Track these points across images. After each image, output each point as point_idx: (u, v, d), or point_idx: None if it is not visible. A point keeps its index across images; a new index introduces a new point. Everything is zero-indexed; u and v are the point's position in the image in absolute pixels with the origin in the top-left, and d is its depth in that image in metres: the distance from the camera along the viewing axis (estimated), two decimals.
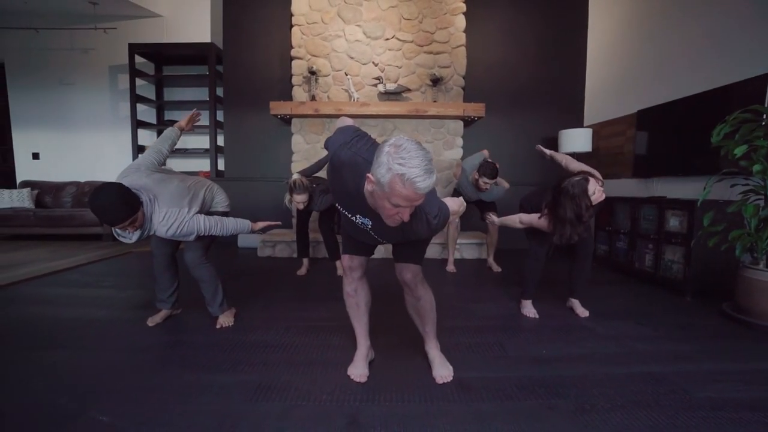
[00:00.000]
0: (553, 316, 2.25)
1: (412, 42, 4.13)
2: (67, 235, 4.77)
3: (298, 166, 4.09)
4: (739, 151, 2.02)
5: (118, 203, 1.55)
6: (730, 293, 2.27)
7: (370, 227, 1.29)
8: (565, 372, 1.59)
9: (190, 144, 5.12)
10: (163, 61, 5.13)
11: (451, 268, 3.38)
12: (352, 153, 1.18)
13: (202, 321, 2.08)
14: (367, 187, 1.11)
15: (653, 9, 3.54)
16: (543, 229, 1.99)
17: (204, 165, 5.17)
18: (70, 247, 4.32)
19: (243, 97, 4.53)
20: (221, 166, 4.96)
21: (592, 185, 1.81)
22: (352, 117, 3.32)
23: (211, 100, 4.82)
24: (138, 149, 4.95)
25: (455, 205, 1.50)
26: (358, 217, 1.28)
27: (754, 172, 2.03)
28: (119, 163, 4.76)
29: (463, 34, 4.14)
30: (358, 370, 1.53)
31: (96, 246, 4.43)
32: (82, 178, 5.23)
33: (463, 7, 4.11)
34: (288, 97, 4.25)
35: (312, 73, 4.01)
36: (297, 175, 2.83)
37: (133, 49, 4.83)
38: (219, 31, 4.70)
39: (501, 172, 3.09)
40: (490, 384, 1.49)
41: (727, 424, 1.24)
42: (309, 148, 4.17)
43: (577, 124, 4.50)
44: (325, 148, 1.34)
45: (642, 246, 3.02)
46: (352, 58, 4.13)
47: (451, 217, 1.35)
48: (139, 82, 4.99)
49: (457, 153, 4.18)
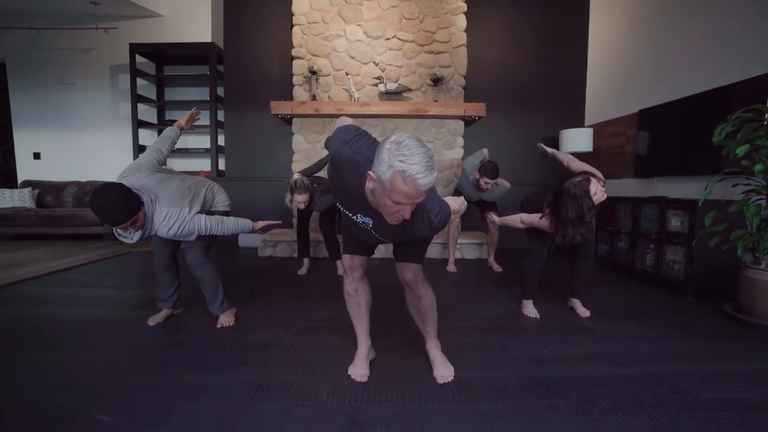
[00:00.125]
0: (554, 316, 2.24)
1: (412, 42, 4.13)
2: (68, 235, 4.77)
3: (298, 165, 4.09)
4: (741, 150, 2.02)
5: (119, 203, 1.55)
6: (732, 293, 2.26)
7: (371, 226, 1.28)
8: (566, 372, 1.58)
9: (191, 144, 5.13)
10: (164, 60, 5.14)
11: (451, 267, 3.38)
12: (353, 152, 1.18)
13: (203, 321, 2.08)
14: (368, 185, 1.10)
15: (653, 9, 3.54)
16: (544, 229, 1.99)
17: (205, 165, 5.17)
18: (71, 247, 4.32)
19: (244, 96, 4.53)
20: (222, 165, 4.96)
21: (594, 185, 1.80)
22: (352, 117, 3.33)
23: (212, 99, 4.82)
24: (139, 149, 4.96)
25: (456, 204, 1.50)
26: (359, 216, 1.28)
27: (755, 171, 2.03)
28: (120, 162, 4.75)
29: (464, 34, 4.14)
30: (359, 370, 1.53)
31: (97, 246, 4.43)
32: (83, 177, 5.23)
33: (463, 6, 4.10)
34: (289, 96, 4.25)
35: (313, 72, 4.01)
36: (298, 174, 2.83)
37: (133, 48, 4.84)
38: (220, 31, 4.71)
39: (501, 172, 3.09)
40: (491, 384, 1.49)
41: (729, 425, 1.24)
42: (310, 147, 4.17)
43: (578, 123, 4.50)
44: (326, 147, 1.33)
45: (643, 246, 3.01)
46: (352, 57, 4.13)
47: (452, 216, 1.35)
48: (139, 81, 5.00)
49: (458, 153, 4.18)
